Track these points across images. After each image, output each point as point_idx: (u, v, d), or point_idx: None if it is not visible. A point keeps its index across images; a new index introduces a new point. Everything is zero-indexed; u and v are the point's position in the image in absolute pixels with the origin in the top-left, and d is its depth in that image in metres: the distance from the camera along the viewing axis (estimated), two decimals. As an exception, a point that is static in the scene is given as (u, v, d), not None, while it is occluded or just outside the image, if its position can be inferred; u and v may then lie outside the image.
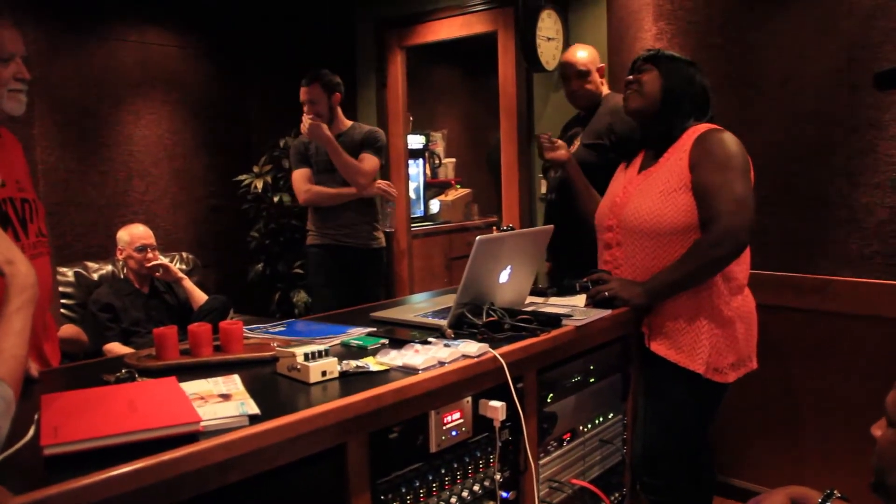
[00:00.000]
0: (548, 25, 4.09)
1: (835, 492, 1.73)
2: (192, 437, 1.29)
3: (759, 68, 3.31)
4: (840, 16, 3.07)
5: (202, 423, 1.32)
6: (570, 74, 3.34)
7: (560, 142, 3.00)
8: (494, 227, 2.74)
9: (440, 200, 7.43)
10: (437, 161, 7.69)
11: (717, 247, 2.25)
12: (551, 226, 2.45)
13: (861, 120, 3.05)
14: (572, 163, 2.95)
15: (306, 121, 3.86)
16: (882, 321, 3.03)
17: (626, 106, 2.54)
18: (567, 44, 4.09)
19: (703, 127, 2.41)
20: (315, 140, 3.92)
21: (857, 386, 3.09)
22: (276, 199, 4.98)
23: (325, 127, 3.86)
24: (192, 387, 1.56)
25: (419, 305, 2.54)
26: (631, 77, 2.51)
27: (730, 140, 2.35)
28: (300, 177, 4.06)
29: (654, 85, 2.45)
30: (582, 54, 3.34)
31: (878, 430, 1.31)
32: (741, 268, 2.41)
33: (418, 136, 7.31)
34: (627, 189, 2.50)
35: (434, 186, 7.63)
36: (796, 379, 3.31)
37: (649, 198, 2.38)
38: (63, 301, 3.95)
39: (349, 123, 4.09)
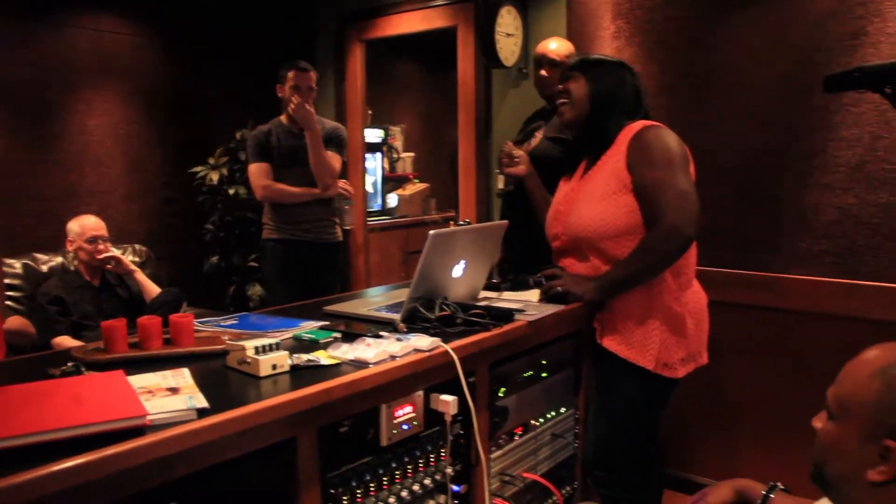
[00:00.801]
0: (507, 22, 4.10)
1: (778, 484, 1.77)
2: (139, 431, 1.28)
3: (714, 69, 3.36)
4: (793, 20, 3.12)
5: (149, 417, 1.31)
6: (543, 63, 3.35)
7: (520, 155, 3.00)
8: (452, 222, 2.74)
9: (398, 195, 7.41)
10: (395, 155, 7.67)
11: (663, 243, 2.26)
12: (506, 221, 2.46)
13: (812, 122, 3.11)
14: (532, 177, 2.95)
15: (300, 108, 3.72)
16: (830, 318, 3.09)
17: (562, 119, 2.54)
18: (526, 40, 4.11)
19: (637, 125, 2.41)
20: (304, 126, 3.77)
21: (804, 381, 3.16)
22: (231, 191, 4.93)
23: (314, 115, 3.79)
24: (140, 380, 1.54)
25: (374, 299, 2.54)
26: (560, 87, 2.51)
27: (666, 135, 2.36)
28: (259, 171, 3.93)
29: (581, 92, 2.46)
30: (554, 45, 3.37)
31: (818, 423, 1.34)
32: (688, 262, 2.44)
33: (377, 130, 7.27)
34: (569, 196, 2.52)
35: (392, 180, 7.61)
36: (746, 374, 3.36)
37: (591, 202, 2.40)
38: (10, 293, 3.88)
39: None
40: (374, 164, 7.20)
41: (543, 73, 3.36)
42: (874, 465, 1.21)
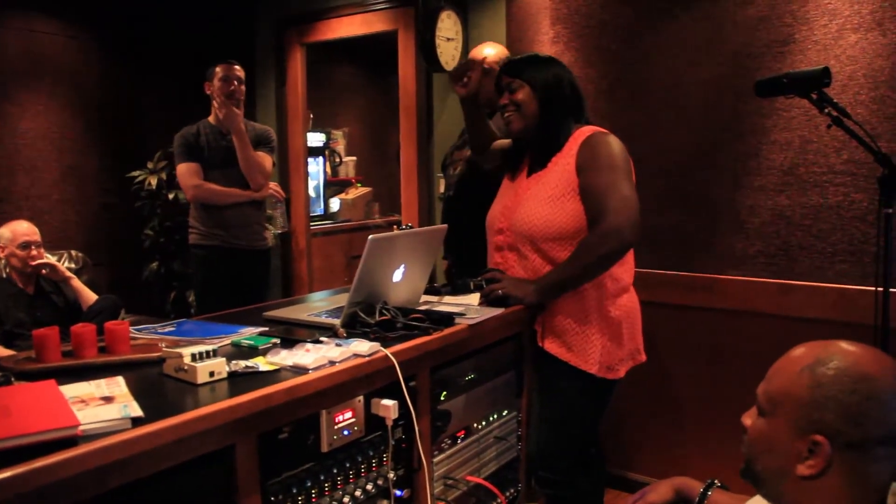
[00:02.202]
0: (447, 26, 4.11)
1: (716, 481, 1.81)
2: (71, 442, 1.25)
3: (650, 73, 3.42)
4: (726, 26, 3.20)
5: (81, 427, 1.28)
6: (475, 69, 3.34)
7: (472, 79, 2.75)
8: (395, 226, 2.73)
9: (340, 199, 7.38)
10: (337, 159, 7.64)
11: (602, 245, 2.29)
12: (445, 225, 2.47)
13: (745, 125, 3.18)
14: (469, 99, 2.75)
15: (220, 106, 3.69)
16: (763, 317, 3.17)
17: (510, 130, 2.54)
18: (466, 44, 4.12)
19: (587, 130, 2.46)
20: (230, 128, 3.72)
21: (741, 379, 3.23)
22: (171, 196, 4.85)
23: (241, 116, 3.74)
24: (72, 390, 1.51)
25: (315, 304, 2.52)
26: (506, 100, 2.51)
27: (614, 142, 2.41)
28: (188, 171, 3.82)
29: (530, 102, 2.47)
30: (489, 50, 3.35)
31: (748, 420, 1.37)
32: (626, 268, 2.49)
33: (319, 133, 7.24)
34: (519, 193, 2.54)
35: (334, 185, 7.57)
36: (684, 373, 3.43)
37: (539, 203, 2.42)
38: (-60, 301, 3.76)
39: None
40: (317, 169, 7.16)
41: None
42: (803, 459, 1.24)
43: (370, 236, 2.02)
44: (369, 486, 1.90)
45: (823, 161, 3.01)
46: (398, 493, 1.99)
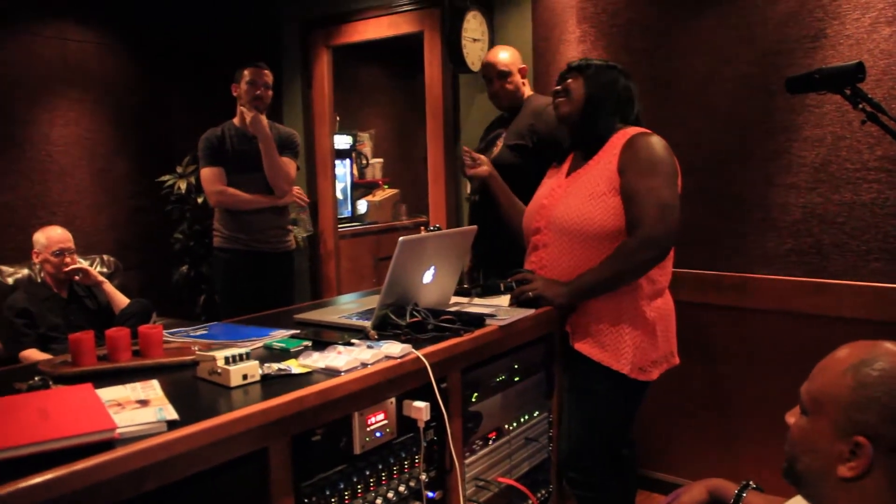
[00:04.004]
0: (473, 27, 4.11)
1: (751, 483, 1.79)
2: (108, 445, 1.27)
3: (678, 71, 3.39)
4: (756, 22, 3.16)
5: (118, 430, 1.29)
6: (492, 75, 3.35)
7: (481, 157, 3.03)
8: (422, 228, 2.74)
9: (368, 201, 7.39)
10: (364, 161, 7.65)
11: (639, 253, 2.29)
12: (475, 226, 2.47)
13: (776, 123, 3.15)
14: (494, 178, 2.97)
15: (248, 111, 3.68)
16: (796, 316, 3.14)
17: (557, 112, 2.59)
18: (492, 45, 4.11)
19: (632, 130, 2.45)
20: (256, 133, 3.72)
21: (773, 379, 3.20)
22: (199, 200, 4.88)
23: (266, 121, 3.74)
24: (108, 393, 1.52)
25: (344, 307, 2.53)
26: (559, 87, 2.56)
27: (658, 145, 2.39)
28: (212, 176, 3.81)
29: (578, 91, 2.51)
30: (503, 55, 3.35)
31: (791, 418, 1.36)
32: (664, 271, 2.47)
33: (345, 136, 7.26)
34: (556, 192, 2.54)
35: (361, 187, 7.59)
36: (716, 373, 3.40)
37: (577, 200, 2.42)
38: (-25, 307, 3.82)
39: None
40: (344, 171, 7.18)
41: (495, 87, 3.36)
42: (845, 460, 1.23)
43: (400, 238, 2.02)
44: (401, 488, 1.90)
45: (857, 158, 2.97)
46: (430, 494, 1.99)
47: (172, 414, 1.40)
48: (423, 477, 1.96)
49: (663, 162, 2.36)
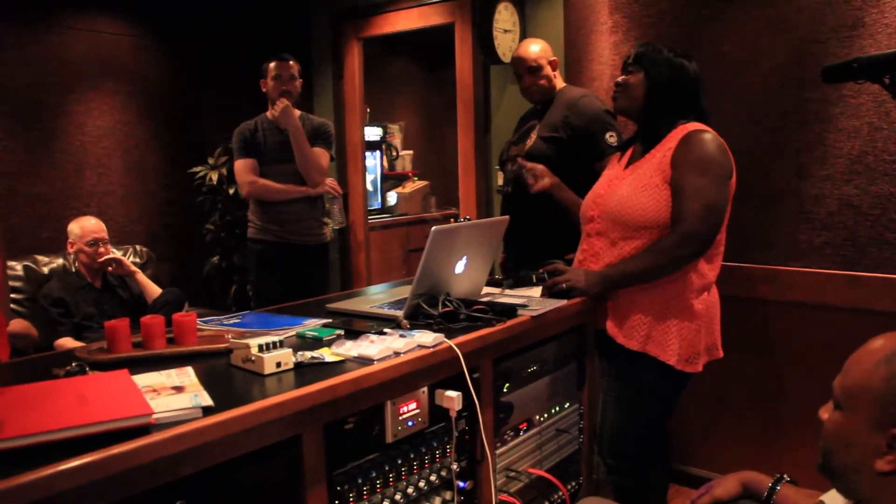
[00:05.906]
0: (504, 18, 4.09)
1: (784, 476, 1.77)
2: (144, 430, 1.28)
3: (711, 62, 3.35)
4: (791, 11, 3.12)
5: (154, 416, 1.30)
6: (522, 71, 3.31)
7: (540, 168, 3.01)
8: (452, 219, 2.74)
9: (398, 192, 7.41)
10: (394, 153, 7.67)
11: (678, 248, 2.28)
12: (507, 216, 2.46)
13: (810, 113, 3.10)
14: (558, 187, 2.98)
15: (280, 103, 3.71)
16: (831, 309, 3.09)
17: (614, 105, 2.59)
18: (524, 36, 4.09)
19: (690, 126, 2.42)
20: (285, 126, 3.74)
21: (806, 372, 3.16)
22: (231, 191, 4.92)
23: (295, 112, 3.76)
24: (144, 379, 1.54)
25: (375, 297, 2.54)
26: (620, 80, 2.53)
27: (713, 143, 2.37)
28: (244, 167, 3.85)
29: (638, 87, 2.48)
30: (533, 48, 3.30)
31: (825, 413, 1.34)
32: (713, 265, 2.46)
33: (375, 127, 7.27)
34: (613, 182, 2.52)
35: (391, 178, 7.61)
36: (748, 367, 3.36)
37: (634, 190, 2.40)
38: (12, 295, 3.87)
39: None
40: (374, 163, 7.20)
41: (526, 82, 3.32)
42: (882, 454, 1.21)
43: (433, 227, 2.02)
44: (433, 477, 1.91)
45: (894, 149, 2.92)
46: (461, 484, 1.99)
47: (207, 400, 1.41)
48: (455, 466, 1.96)
49: (714, 161, 2.35)
